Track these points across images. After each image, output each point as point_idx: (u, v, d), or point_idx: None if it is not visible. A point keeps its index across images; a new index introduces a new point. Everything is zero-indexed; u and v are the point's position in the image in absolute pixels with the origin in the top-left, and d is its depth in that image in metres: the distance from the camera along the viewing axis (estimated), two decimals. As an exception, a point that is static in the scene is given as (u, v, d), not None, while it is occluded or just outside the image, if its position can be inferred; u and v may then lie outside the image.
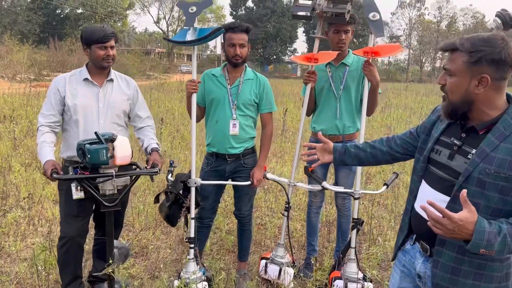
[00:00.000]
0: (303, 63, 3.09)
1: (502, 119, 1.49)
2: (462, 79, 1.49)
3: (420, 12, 55.85)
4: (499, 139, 1.47)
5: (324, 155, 2.10)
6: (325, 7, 2.95)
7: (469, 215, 1.34)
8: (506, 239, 1.36)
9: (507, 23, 2.81)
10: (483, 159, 1.48)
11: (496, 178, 1.45)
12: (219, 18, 57.64)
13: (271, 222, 4.32)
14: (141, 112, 2.91)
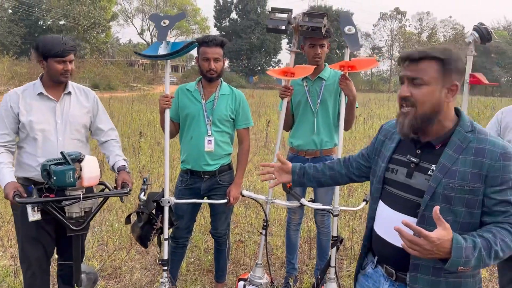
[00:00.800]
0: (279, 77, 3.03)
1: (456, 131, 1.49)
2: (435, 88, 1.45)
3: (401, 23, 56.91)
4: (457, 152, 1.46)
5: (282, 176, 2.03)
6: (301, 21, 2.91)
7: (445, 233, 1.31)
8: (482, 253, 1.34)
9: (484, 37, 2.81)
10: (445, 174, 1.46)
11: (461, 192, 1.44)
12: (204, 29, 57.71)
13: (251, 239, 4.21)
14: (103, 125, 2.73)
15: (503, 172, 1.41)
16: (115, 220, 4.55)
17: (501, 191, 1.41)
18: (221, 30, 55.39)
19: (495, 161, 1.42)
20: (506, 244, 1.36)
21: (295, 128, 3.27)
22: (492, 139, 1.46)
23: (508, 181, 1.41)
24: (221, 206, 2.96)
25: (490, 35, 2.81)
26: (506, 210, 1.41)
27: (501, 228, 1.40)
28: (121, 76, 31.82)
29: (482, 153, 1.44)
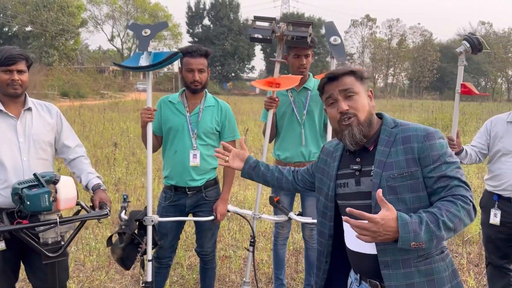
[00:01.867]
0: (264, 89, 2.93)
1: (382, 130, 1.63)
2: (364, 95, 1.64)
3: (372, 30, 58.15)
4: (388, 146, 1.58)
5: (235, 161, 2.10)
6: (286, 30, 2.83)
7: (388, 213, 1.38)
8: (429, 226, 1.38)
9: (475, 47, 2.80)
10: (383, 168, 1.55)
11: (402, 179, 1.52)
12: (176, 36, 57.24)
13: (236, 253, 4.08)
14: (69, 141, 2.52)
15: (431, 150, 1.52)
16: (91, 238, 4.32)
17: (435, 168, 1.51)
18: (194, 36, 55.14)
19: (421, 142, 1.54)
20: (452, 214, 1.41)
21: (281, 140, 3.18)
22: (413, 125, 1.60)
23: (439, 157, 1.52)
24: (208, 223, 2.83)
25: (481, 45, 2.80)
26: (445, 184, 1.49)
27: (446, 200, 1.46)
28: (91, 83, 31.17)
29: (408, 139, 1.56)
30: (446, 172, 1.50)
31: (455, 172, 1.51)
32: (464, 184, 1.49)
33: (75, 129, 2.77)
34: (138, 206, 5.33)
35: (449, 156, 1.54)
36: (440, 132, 1.58)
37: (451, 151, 1.56)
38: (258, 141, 10.66)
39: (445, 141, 1.56)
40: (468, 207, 1.45)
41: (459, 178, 1.50)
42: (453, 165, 1.52)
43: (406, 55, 56.20)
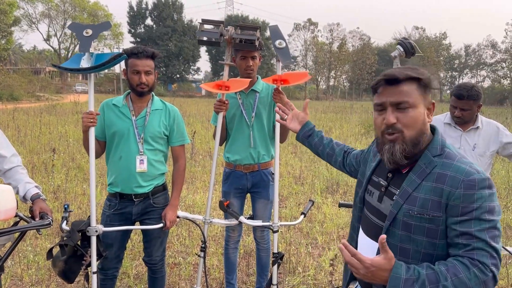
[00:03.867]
0: (213, 91, 2.89)
1: (423, 155, 1.42)
2: (421, 110, 1.40)
3: (314, 34, 59.68)
4: (420, 178, 1.39)
5: (293, 122, 2.06)
6: (234, 34, 2.81)
7: (383, 262, 1.27)
8: (425, 286, 1.25)
9: (408, 51, 2.93)
10: (406, 199, 1.39)
11: (421, 220, 1.36)
12: (117, 36, 55.37)
13: (186, 260, 3.99)
14: (4, 151, 2.34)
15: (463, 201, 1.30)
16: (30, 250, 4.04)
17: (462, 222, 1.30)
18: (136, 36, 53.68)
19: (456, 188, 1.31)
20: (459, 281, 1.25)
21: (231, 143, 3.16)
22: (458, 164, 1.36)
23: (471, 212, 1.29)
24: (156, 230, 2.74)
25: (414, 49, 2.94)
26: (467, 243, 1.29)
27: (460, 262, 1.28)
28: (26, 85, 29.37)
29: (443, 179, 1.35)
30: (473, 230, 1.28)
31: (485, 233, 1.28)
32: (491, 249, 1.27)
33: (9, 134, 2.57)
34: (80, 215, 5.06)
35: (486, 212, 1.29)
36: (488, 181, 1.31)
37: (492, 207, 1.30)
38: (206, 144, 10.56)
39: (488, 192, 1.30)
40: (485, 277, 1.25)
41: (486, 241, 1.27)
42: (485, 224, 1.28)
43: (346, 58, 58.24)
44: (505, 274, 3.76)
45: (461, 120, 2.86)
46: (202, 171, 7.71)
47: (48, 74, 44.33)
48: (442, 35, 62.84)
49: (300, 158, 9.40)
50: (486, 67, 60.66)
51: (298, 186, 6.88)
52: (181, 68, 53.87)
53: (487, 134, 2.87)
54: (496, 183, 7.12)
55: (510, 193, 6.58)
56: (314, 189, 6.70)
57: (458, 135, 2.90)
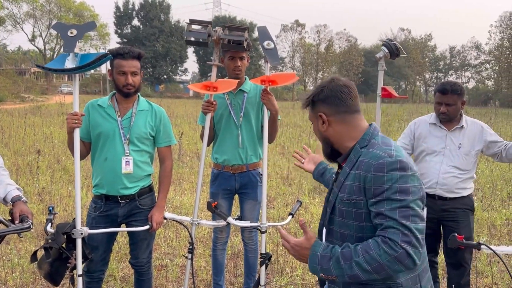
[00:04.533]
0: (201, 92, 2.89)
1: (354, 148, 1.56)
2: (315, 123, 1.65)
3: (301, 35, 59.92)
4: (349, 167, 1.53)
5: (309, 163, 2.22)
6: (222, 34, 2.81)
7: (304, 241, 1.47)
8: (340, 263, 1.38)
9: (393, 52, 2.95)
10: (340, 188, 1.54)
11: (349, 205, 1.49)
12: (103, 36, 54.82)
13: (173, 262, 3.96)
14: None
15: (374, 183, 1.41)
16: (14, 254, 3.97)
17: (376, 203, 1.40)
18: (123, 37, 53.27)
19: (368, 172, 1.43)
20: (371, 257, 1.34)
21: (219, 143, 3.15)
22: (374, 151, 1.47)
23: (382, 193, 1.39)
24: (142, 232, 2.71)
25: (399, 50, 2.96)
26: (381, 222, 1.38)
27: (374, 240, 1.37)
28: (10, 86, 28.95)
29: (361, 166, 1.47)
30: (384, 209, 1.38)
31: (395, 212, 1.36)
32: (402, 227, 1.34)
33: (-8, 136, 2.51)
34: (65, 217, 4.99)
35: (397, 192, 1.38)
36: (398, 163, 1.40)
37: (405, 188, 1.38)
38: (194, 145, 10.51)
39: (399, 174, 1.39)
40: (395, 253, 1.32)
41: (396, 220, 1.35)
42: (396, 203, 1.36)
43: (333, 59, 58.60)
44: (489, 272, 3.82)
45: (446, 117, 2.89)
46: (189, 172, 7.67)
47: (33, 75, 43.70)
48: (428, 37, 63.66)
49: (288, 158, 9.42)
50: (470, 68, 61.63)
51: (286, 187, 6.89)
52: (169, 69, 53.64)
53: (472, 133, 2.91)
54: (480, 182, 7.22)
55: (494, 192, 6.69)
56: (302, 189, 6.72)
57: (443, 134, 2.94)
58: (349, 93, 1.58)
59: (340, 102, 1.57)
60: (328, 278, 1.44)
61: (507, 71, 50.72)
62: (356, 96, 1.61)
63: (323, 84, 1.62)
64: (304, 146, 2.39)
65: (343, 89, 1.57)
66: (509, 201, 6.21)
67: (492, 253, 2.25)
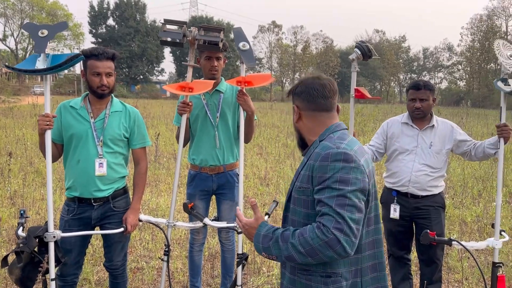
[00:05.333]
0: (176, 93, 2.87)
1: (315, 141, 1.65)
2: (293, 112, 1.72)
3: (278, 36, 60.19)
4: (306, 158, 1.62)
5: None
6: (197, 35, 2.80)
7: (253, 221, 1.59)
8: (279, 243, 1.47)
9: (365, 54, 3.01)
10: (297, 177, 1.62)
11: (299, 193, 1.57)
12: (77, 36, 53.72)
13: (149, 264, 3.92)
14: None
15: (319, 171, 1.48)
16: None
17: (319, 191, 1.47)
18: (97, 37, 52.35)
19: (316, 161, 1.51)
20: (305, 240, 1.42)
21: (196, 144, 3.14)
22: (325, 142, 1.56)
23: (324, 181, 1.46)
24: (117, 235, 2.68)
25: (371, 52, 3.02)
26: (320, 209, 1.44)
27: (311, 225, 1.45)
28: (-21, 86, 27.95)
29: (313, 156, 1.56)
30: (323, 197, 1.44)
31: (332, 200, 1.41)
32: (336, 215, 1.39)
33: (-40, 139, 2.44)
34: (38, 221, 4.87)
35: (336, 181, 1.43)
36: (343, 155, 1.46)
37: (346, 178, 1.44)
38: (170, 146, 10.42)
39: (342, 165, 1.45)
40: (325, 238, 1.37)
41: (331, 207, 1.40)
42: (334, 192, 1.42)
43: (310, 60, 59.07)
44: (460, 268, 3.93)
45: (421, 112, 2.96)
46: (166, 174, 7.61)
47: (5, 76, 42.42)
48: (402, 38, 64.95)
49: (266, 159, 9.45)
50: (443, 69, 63.18)
51: (263, 187, 6.92)
52: (145, 69, 53.01)
53: (442, 132, 3.00)
54: (452, 180, 7.42)
55: (465, 190, 6.88)
56: (279, 189, 6.76)
57: (415, 133, 3.01)
58: (322, 91, 1.62)
59: (311, 99, 1.64)
60: (269, 258, 1.53)
61: (478, 72, 52.25)
62: (329, 96, 1.64)
63: (303, 78, 1.70)
64: None
65: (317, 87, 1.62)
66: (480, 199, 6.40)
67: (463, 250, 2.32)
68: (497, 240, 2.66)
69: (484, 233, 4.87)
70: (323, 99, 1.63)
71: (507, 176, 7.79)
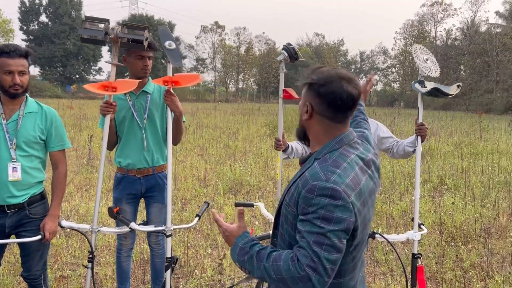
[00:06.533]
0: (98, 92, 2.75)
1: (310, 157, 1.52)
2: (302, 103, 1.54)
3: (222, 37, 60.13)
4: (298, 175, 1.50)
5: None
6: (120, 33, 2.70)
7: (235, 229, 1.53)
8: (253, 261, 1.42)
9: (292, 56, 3.07)
10: (286, 193, 1.51)
11: (287, 212, 1.48)
12: (6, 33, 50.23)
13: (76, 272, 3.74)
14: None
15: (303, 202, 1.38)
16: None
17: (301, 221, 1.39)
18: (29, 34, 49.39)
19: (303, 188, 1.39)
20: (278, 268, 1.36)
21: (122, 146, 3.04)
22: (317, 168, 1.42)
23: (307, 214, 1.36)
24: (35, 243, 2.52)
25: (297, 54, 3.08)
26: (298, 239, 1.38)
27: (288, 253, 1.38)
28: None
29: (302, 180, 1.43)
30: (303, 230, 1.36)
31: (312, 236, 1.33)
32: (312, 253, 1.32)
33: None
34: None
35: (319, 218, 1.34)
36: (330, 191, 1.34)
37: (329, 216, 1.34)
38: (106, 148, 10.02)
39: (328, 201, 1.34)
40: (297, 273, 1.32)
41: (309, 244, 1.33)
42: (315, 228, 1.34)
43: (253, 61, 59.64)
44: (385, 261, 4.13)
45: None
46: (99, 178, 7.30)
47: None
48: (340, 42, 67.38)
49: (206, 160, 9.39)
50: (378, 72, 66.33)
51: (202, 188, 6.86)
52: (81, 68, 50.81)
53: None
54: (382, 177, 7.79)
55: (393, 186, 7.25)
56: (218, 190, 6.73)
57: None
58: (347, 103, 1.44)
59: (332, 107, 1.46)
60: (243, 270, 1.48)
61: (410, 75, 55.27)
62: (352, 108, 1.47)
63: (333, 76, 1.46)
64: None
65: (345, 97, 1.43)
66: (407, 194, 6.78)
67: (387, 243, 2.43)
68: (416, 232, 2.82)
69: (409, 226, 5.16)
70: (344, 112, 1.47)
71: (432, 172, 8.32)
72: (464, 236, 4.84)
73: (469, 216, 5.48)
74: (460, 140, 13.60)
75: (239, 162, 9.02)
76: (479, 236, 4.87)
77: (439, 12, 54.70)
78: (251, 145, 11.83)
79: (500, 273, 3.90)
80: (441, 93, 2.88)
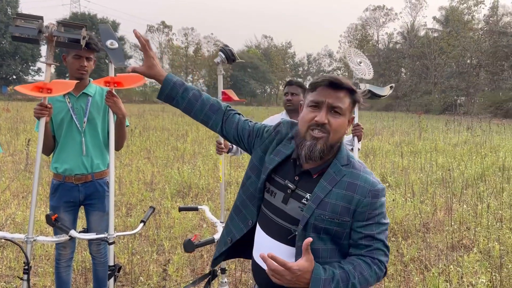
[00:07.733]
0: (32, 94, 2.60)
1: (333, 164, 1.52)
2: (346, 119, 1.50)
3: (169, 37, 59.18)
4: (331, 184, 1.49)
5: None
6: (56, 31, 2.57)
7: (307, 264, 1.36)
8: (339, 285, 1.39)
9: (229, 58, 3.07)
10: (318, 205, 1.47)
11: (331, 224, 1.46)
12: None
13: (11, 284, 3.50)
14: None
15: (369, 208, 1.46)
16: None
17: (366, 226, 1.46)
18: (-42, 31, 45.90)
19: (364, 197, 1.46)
20: (364, 278, 1.43)
21: (59, 151, 2.89)
22: (365, 175, 1.50)
23: (374, 217, 1.47)
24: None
25: (234, 56, 3.10)
26: (369, 244, 1.46)
27: (363, 261, 1.45)
28: None
29: (353, 188, 1.47)
30: (374, 232, 1.47)
31: (382, 234, 1.48)
32: (386, 248, 1.48)
33: None
34: None
35: (383, 217, 1.50)
36: (384, 190, 1.52)
37: (385, 212, 1.52)
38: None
39: (384, 200, 1.51)
40: (381, 273, 1.47)
41: (383, 242, 1.48)
42: (383, 227, 1.49)
43: (202, 62, 59.22)
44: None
45: (291, 105, 3.17)
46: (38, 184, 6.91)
47: None
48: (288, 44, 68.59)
49: (153, 163, 9.17)
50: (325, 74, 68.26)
51: (148, 192, 6.69)
52: (18, 68, 48.01)
53: None
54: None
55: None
56: (165, 194, 6.60)
57: None
58: None
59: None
60: None
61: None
62: None
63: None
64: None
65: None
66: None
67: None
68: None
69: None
70: None
71: (375, 170, 8.66)
72: (405, 231, 5.07)
73: (409, 212, 5.75)
74: (401, 140, 14.30)
75: (188, 165, 8.90)
76: (418, 231, 5.12)
77: (381, 17, 57.20)
78: (200, 147, 11.72)
79: (436, 266, 4.12)
80: (374, 95, 3.01)
